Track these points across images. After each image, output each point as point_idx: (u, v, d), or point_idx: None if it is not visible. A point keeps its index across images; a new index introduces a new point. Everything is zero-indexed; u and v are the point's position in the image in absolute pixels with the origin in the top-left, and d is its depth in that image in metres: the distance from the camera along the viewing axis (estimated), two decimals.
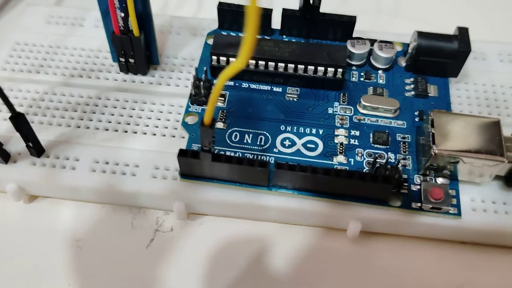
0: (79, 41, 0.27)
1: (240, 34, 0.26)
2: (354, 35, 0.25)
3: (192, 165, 0.20)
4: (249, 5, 0.12)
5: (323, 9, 0.24)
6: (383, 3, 0.32)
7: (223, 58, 0.23)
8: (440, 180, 0.21)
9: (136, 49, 0.24)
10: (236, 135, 0.22)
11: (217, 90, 0.16)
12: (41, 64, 0.26)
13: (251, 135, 0.22)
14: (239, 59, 0.13)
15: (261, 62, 0.23)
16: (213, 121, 0.18)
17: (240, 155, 0.22)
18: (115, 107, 0.24)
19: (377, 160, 0.21)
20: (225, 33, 0.26)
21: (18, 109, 0.20)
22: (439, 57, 0.24)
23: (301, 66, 0.23)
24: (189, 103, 0.23)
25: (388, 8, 0.32)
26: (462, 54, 0.23)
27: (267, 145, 0.22)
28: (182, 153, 0.20)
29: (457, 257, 0.21)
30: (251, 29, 0.12)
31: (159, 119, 0.24)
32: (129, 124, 0.24)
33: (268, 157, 0.22)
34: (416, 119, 0.23)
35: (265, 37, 0.26)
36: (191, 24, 0.27)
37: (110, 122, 0.24)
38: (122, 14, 0.23)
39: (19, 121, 0.20)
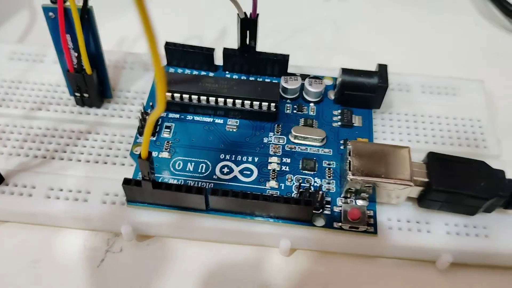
0: (39, 76, 0.29)
1: (186, 71, 0.29)
2: (290, 70, 0.28)
3: (136, 192, 0.23)
4: (156, 72, 0.15)
5: (267, 44, 0.27)
6: (321, 39, 0.35)
7: (168, 94, 0.26)
8: (359, 202, 0.24)
9: (89, 85, 0.26)
10: (179, 163, 0.25)
11: (147, 131, 0.18)
12: (3, 98, 0.28)
13: (193, 163, 0.25)
14: (158, 104, 0.16)
15: (203, 97, 0.26)
16: (149, 155, 0.20)
17: (183, 182, 0.24)
18: (71, 138, 0.26)
19: (302, 184, 0.23)
20: (173, 69, 0.29)
21: None
22: (361, 91, 0.26)
23: (238, 101, 0.26)
24: (137, 135, 0.26)
25: (325, 44, 0.35)
26: (381, 89, 0.26)
27: (208, 172, 0.25)
28: (126, 182, 0.22)
29: (375, 270, 0.24)
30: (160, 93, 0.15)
31: (110, 149, 0.26)
32: (82, 153, 0.26)
33: (208, 184, 0.24)
34: (341, 147, 0.26)
35: (210, 73, 0.28)
36: (143, 60, 0.30)
37: (64, 151, 0.26)
38: (76, 54, 0.25)
39: None
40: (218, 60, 0.29)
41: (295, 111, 0.27)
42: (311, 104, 0.27)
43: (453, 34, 0.36)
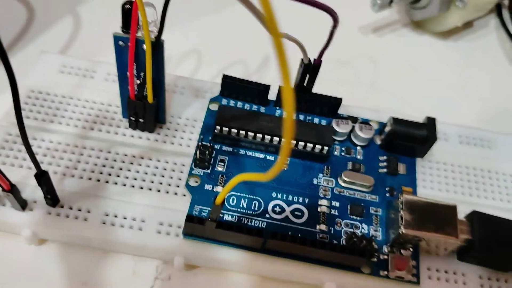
0: (90, 93, 0.29)
1: (238, 103, 0.29)
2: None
3: (196, 228, 0.23)
4: (283, 149, 0.15)
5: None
6: (359, 76, 0.36)
7: (225, 129, 0.26)
8: (404, 252, 0.25)
9: (148, 112, 0.26)
10: (233, 199, 0.26)
11: (230, 186, 0.19)
12: (55, 113, 0.28)
13: (246, 199, 0.26)
14: (266, 176, 0.16)
15: (259, 135, 0.26)
16: (223, 201, 0.21)
17: (237, 219, 0.25)
18: (123, 162, 0.27)
19: (355, 232, 0.24)
20: (225, 100, 0.29)
21: None
22: (410, 141, 0.28)
23: (293, 141, 0.27)
24: (193, 166, 0.26)
25: (362, 81, 0.36)
26: (430, 141, 0.27)
27: (260, 210, 0.25)
28: (189, 219, 0.23)
29: None
30: (279, 165, 0.15)
31: (163, 176, 0.26)
32: (136, 179, 0.26)
33: (260, 222, 0.25)
34: (387, 195, 0.27)
35: (261, 107, 0.29)
36: (193, 86, 0.30)
37: (118, 176, 0.26)
38: (138, 82, 0.26)
39: (43, 178, 0.23)
40: (270, 94, 0.29)
41: (343, 154, 0.28)
42: (358, 148, 0.28)
43: (483, 83, 0.37)
